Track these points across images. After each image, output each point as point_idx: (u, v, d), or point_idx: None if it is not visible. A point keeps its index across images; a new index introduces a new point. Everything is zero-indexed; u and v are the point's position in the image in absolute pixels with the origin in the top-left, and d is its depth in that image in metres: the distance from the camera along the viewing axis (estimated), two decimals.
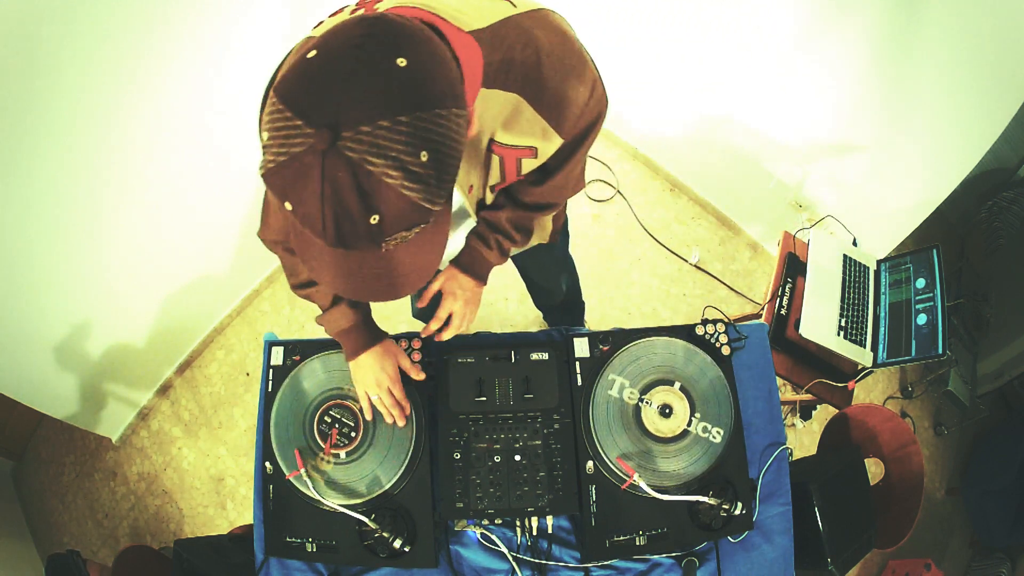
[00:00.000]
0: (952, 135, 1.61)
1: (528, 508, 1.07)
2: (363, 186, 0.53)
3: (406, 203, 0.55)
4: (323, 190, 0.53)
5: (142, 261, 1.84)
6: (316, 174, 0.53)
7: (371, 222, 0.55)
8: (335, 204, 0.54)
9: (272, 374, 1.15)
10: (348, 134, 0.52)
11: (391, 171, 0.53)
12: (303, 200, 0.54)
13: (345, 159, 0.52)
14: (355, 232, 0.55)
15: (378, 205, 0.54)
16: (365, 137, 0.52)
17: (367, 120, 0.52)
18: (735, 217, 2.44)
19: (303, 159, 0.53)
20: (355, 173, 0.53)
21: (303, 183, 0.54)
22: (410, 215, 0.56)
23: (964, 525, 2.29)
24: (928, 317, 1.54)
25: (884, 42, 1.55)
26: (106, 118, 1.44)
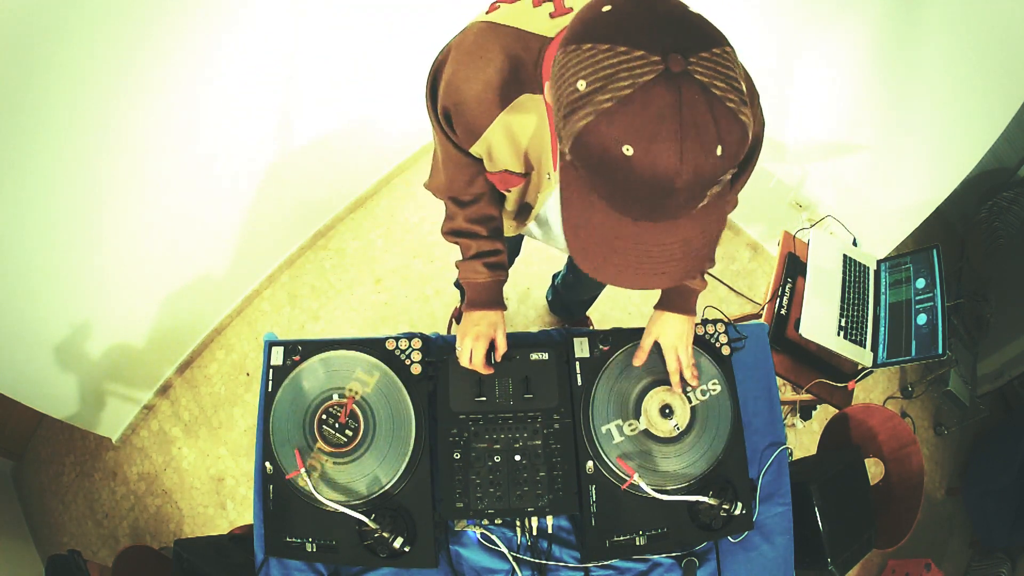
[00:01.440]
0: (952, 135, 1.61)
1: (528, 508, 1.07)
2: (715, 111, 0.52)
3: (741, 131, 0.55)
4: (682, 118, 0.52)
5: (142, 261, 1.84)
6: (672, 100, 0.51)
7: (717, 153, 0.54)
8: (692, 134, 0.52)
9: (272, 374, 1.15)
10: (695, 59, 0.52)
11: (731, 95, 0.53)
12: (656, 134, 0.52)
13: (698, 84, 0.52)
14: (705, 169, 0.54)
15: (724, 133, 0.53)
16: (708, 62, 0.53)
17: (703, 46, 0.53)
18: (735, 217, 2.44)
19: (655, 88, 0.51)
20: (709, 97, 0.52)
21: (656, 115, 0.52)
22: (741, 143, 0.55)
23: (964, 525, 2.29)
24: (928, 317, 1.54)
25: (884, 42, 1.55)
26: (105, 117, 1.44)
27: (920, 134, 1.67)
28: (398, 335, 1.18)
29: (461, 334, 1.11)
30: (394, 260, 2.33)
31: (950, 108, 1.56)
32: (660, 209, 0.57)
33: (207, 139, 1.72)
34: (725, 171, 0.56)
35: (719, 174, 0.55)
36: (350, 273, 2.33)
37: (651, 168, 0.53)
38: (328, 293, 2.30)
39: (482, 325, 1.10)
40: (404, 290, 2.28)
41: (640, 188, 0.55)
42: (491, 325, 1.10)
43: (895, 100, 1.65)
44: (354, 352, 1.14)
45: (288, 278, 2.33)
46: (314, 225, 2.35)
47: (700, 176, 0.54)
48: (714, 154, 0.53)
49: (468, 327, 1.11)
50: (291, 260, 2.33)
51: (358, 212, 2.42)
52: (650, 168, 0.53)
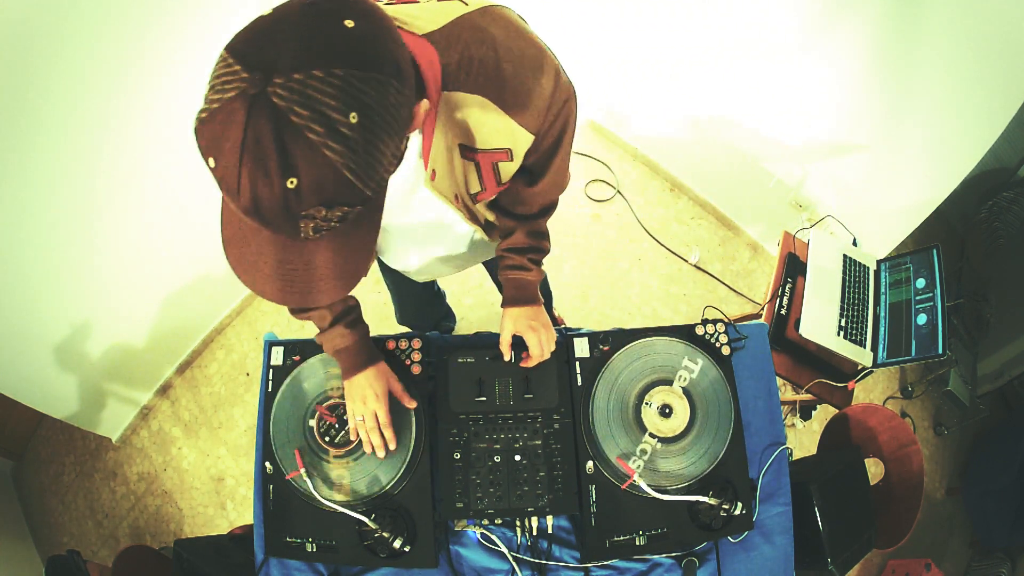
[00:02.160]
0: (952, 135, 1.61)
1: (528, 508, 1.07)
2: (284, 140, 0.50)
3: (328, 169, 0.52)
4: (245, 139, 0.50)
5: (142, 261, 1.84)
6: (240, 119, 0.50)
7: (288, 186, 0.51)
8: (253, 158, 0.51)
9: (272, 374, 1.15)
10: (280, 80, 0.50)
11: (315, 125, 0.50)
12: (224, 152, 0.51)
13: (271, 107, 0.50)
14: (271, 197, 0.52)
15: (297, 165, 0.51)
16: (295, 85, 0.50)
17: (301, 67, 0.50)
18: (735, 217, 2.44)
19: (232, 105, 0.50)
20: (278, 123, 0.50)
21: (227, 132, 0.51)
22: (330, 186, 0.53)
23: (964, 525, 2.29)
24: (928, 317, 1.54)
25: (885, 42, 1.55)
26: (105, 117, 1.44)
27: (920, 134, 1.67)
28: (398, 335, 1.18)
29: (356, 404, 1.05)
30: None
31: (950, 108, 1.56)
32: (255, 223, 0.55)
33: None
34: (307, 206, 0.53)
35: (297, 207, 0.53)
36: None
37: (223, 181, 0.53)
38: None
39: (374, 384, 1.05)
40: None
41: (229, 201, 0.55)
42: (380, 377, 1.06)
43: (895, 100, 1.65)
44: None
45: None
46: None
47: (264, 203, 0.52)
48: (281, 184, 0.51)
49: (359, 392, 1.05)
50: None
51: None
52: (222, 181, 0.53)
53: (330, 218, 0.56)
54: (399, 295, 1.57)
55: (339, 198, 0.54)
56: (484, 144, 0.81)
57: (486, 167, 0.85)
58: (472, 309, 2.30)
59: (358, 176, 0.54)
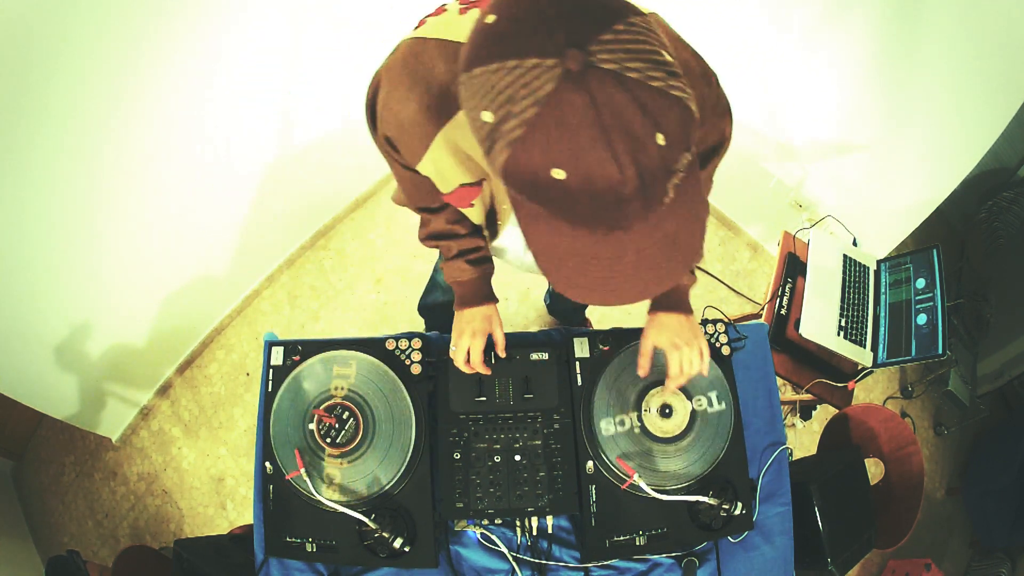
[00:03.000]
0: (952, 135, 1.61)
1: (528, 508, 1.07)
2: (638, 97, 0.45)
3: (679, 108, 0.47)
4: (601, 120, 0.44)
5: (142, 261, 1.84)
6: (584, 103, 0.44)
7: (659, 143, 0.46)
8: (622, 131, 0.45)
9: (272, 374, 1.15)
10: (595, 47, 0.45)
11: (652, 72, 0.46)
12: (579, 147, 0.45)
13: (607, 73, 0.45)
14: (652, 165, 0.46)
15: (658, 117, 0.46)
16: (612, 44, 0.45)
17: (602, 27, 0.46)
18: (735, 217, 2.44)
19: (559, 96, 0.45)
20: (625, 84, 0.45)
21: (572, 127, 0.45)
22: (686, 124, 0.48)
23: (964, 525, 2.29)
24: (928, 317, 1.54)
25: (885, 42, 1.55)
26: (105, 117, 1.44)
27: (920, 134, 1.67)
28: (398, 335, 1.18)
29: (456, 333, 1.09)
30: (394, 260, 2.33)
31: (950, 108, 1.56)
32: (622, 218, 0.49)
33: (207, 139, 1.72)
34: (678, 157, 0.48)
35: (672, 163, 0.48)
36: (350, 273, 2.33)
37: (589, 185, 0.46)
38: (328, 293, 2.30)
39: (476, 321, 1.08)
40: (404, 290, 2.27)
41: (589, 206, 0.48)
42: (485, 319, 1.08)
43: (895, 100, 1.65)
44: (354, 352, 1.14)
45: (288, 278, 2.33)
46: (314, 225, 2.35)
47: (648, 175, 0.47)
48: (655, 145, 0.46)
49: (462, 325, 1.08)
50: (291, 260, 2.33)
51: (358, 212, 2.42)
52: (588, 185, 0.46)
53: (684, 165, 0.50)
54: None
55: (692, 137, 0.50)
56: None
57: None
58: None
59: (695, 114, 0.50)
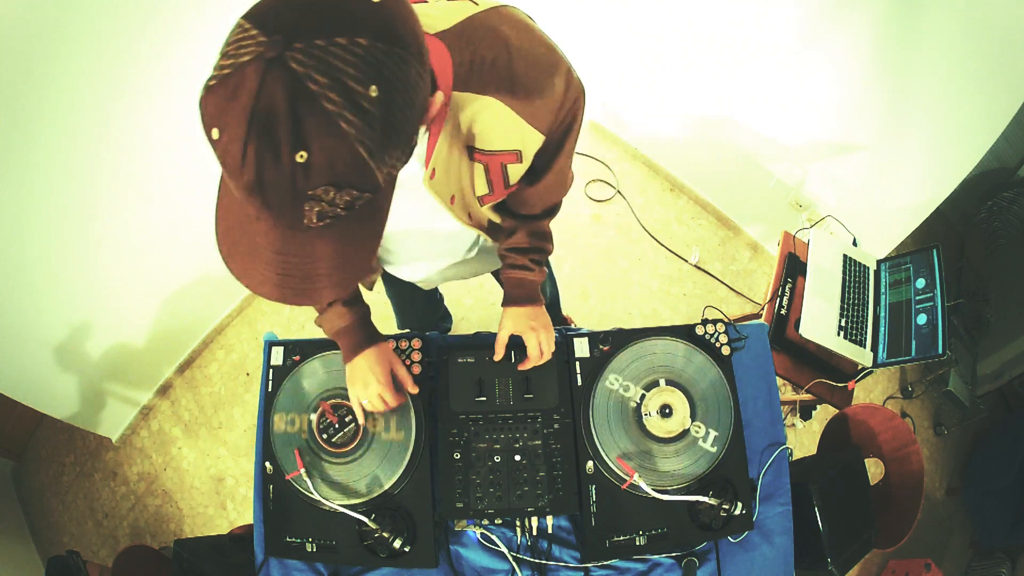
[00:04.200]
0: (952, 135, 1.61)
1: (528, 508, 1.07)
2: (298, 108, 0.47)
3: (341, 144, 0.48)
4: (256, 105, 0.46)
5: (142, 261, 1.84)
6: (252, 85, 0.46)
7: (297, 160, 0.47)
8: (263, 128, 0.47)
9: (272, 374, 1.15)
10: (300, 45, 0.47)
11: (333, 94, 0.47)
12: (230, 120, 0.47)
13: (289, 72, 0.46)
14: (278, 172, 0.48)
15: (309, 136, 0.47)
16: (316, 51, 0.47)
17: (324, 34, 0.47)
18: (735, 217, 2.44)
19: (245, 70, 0.47)
20: (294, 89, 0.46)
21: (236, 98, 0.47)
22: (342, 164, 0.49)
23: (964, 525, 2.29)
24: (928, 317, 1.54)
25: (885, 42, 1.55)
26: (105, 117, 1.44)
27: (920, 134, 1.67)
28: (398, 335, 1.18)
29: (358, 386, 1.04)
30: None
31: (950, 108, 1.56)
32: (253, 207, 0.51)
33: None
34: (315, 183, 0.49)
35: (303, 187, 0.49)
36: None
37: (224, 157, 0.49)
38: None
39: (365, 371, 1.03)
40: None
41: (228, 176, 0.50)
42: (379, 360, 1.04)
43: (895, 100, 1.65)
44: None
45: None
46: None
47: (268, 181, 0.48)
48: (291, 160, 0.47)
49: (359, 375, 1.04)
50: None
51: None
52: (223, 157, 0.49)
53: (337, 203, 0.52)
54: (400, 302, 1.56)
55: (350, 179, 0.51)
56: (493, 145, 0.80)
57: (494, 169, 0.84)
58: (472, 309, 2.30)
59: (372, 155, 0.50)
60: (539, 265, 1.07)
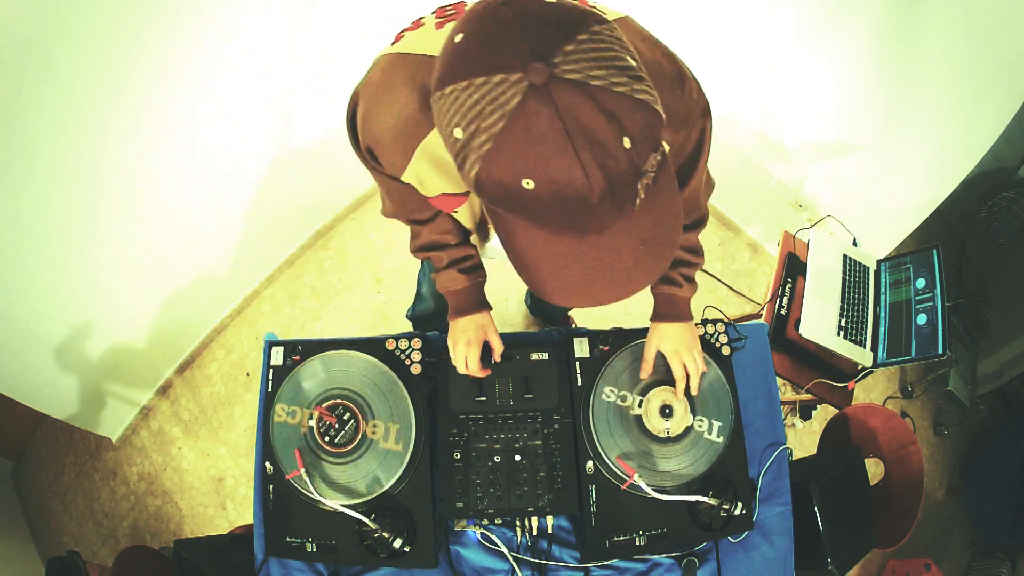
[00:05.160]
0: (952, 135, 1.61)
1: (528, 508, 1.07)
2: (603, 104, 0.47)
3: (645, 111, 0.49)
4: (566, 127, 0.46)
5: (142, 261, 1.84)
6: (549, 114, 0.46)
7: (626, 147, 0.48)
8: (587, 139, 0.46)
9: (272, 374, 1.15)
10: (558, 59, 0.47)
11: (615, 78, 0.48)
12: (546, 157, 0.47)
13: (571, 83, 0.46)
14: (619, 169, 0.48)
15: (623, 121, 0.48)
16: (575, 55, 0.47)
17: (565, 39, 0.48)
18: (735, 217, 2.44)
19: (525, 109, 0.46)
20: (589, 93, 0.47)
21: (538, 138, 0.46)
22: (653, 125, 0.50)
23: (964, 525, 2.29)
24: (928, 317, 1.54)
25: (885, 42, 1.55)
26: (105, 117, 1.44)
27: (920, 134, 1.67)
28: (398, 335, 1.18)
29: (452, 343, 1.11)
30: (394, 260, 2.33)
31: (950, 108, 1.56)
32: (594, 222, 0.51)
33: (207, 139, 1.72)
34: (646, 158, 0.50)
35: (640, 166, 0.50)
36: (350, 273, 2.32)
37: (558, 192, 0.48)
38: (328, 293, 2.30)
39: (471, 330, 1.09)
40: (404, 290, 2.27)
41: (559, 213, 0.50)
42: (479, 328, 1.10)
43: (895, 100, 1.65)
44: (354, 352, 1.14)
45: (288, 278, 2.33)
46: (314, 225, 2.35)
47: (616, 179, 0.49)
48: (622, 149, 0.48)
49: (457, 335, 1.10)
50: (291, 260, 2.33)
51: (358, 212, 2.42)
52: (556, 193, 0.48)
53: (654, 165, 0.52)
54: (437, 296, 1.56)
55: (660, 136, 0.51)
56: None
57: None
58: None
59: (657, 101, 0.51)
60: (688, 281, 1.07)
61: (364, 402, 1.11)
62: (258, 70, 1.69)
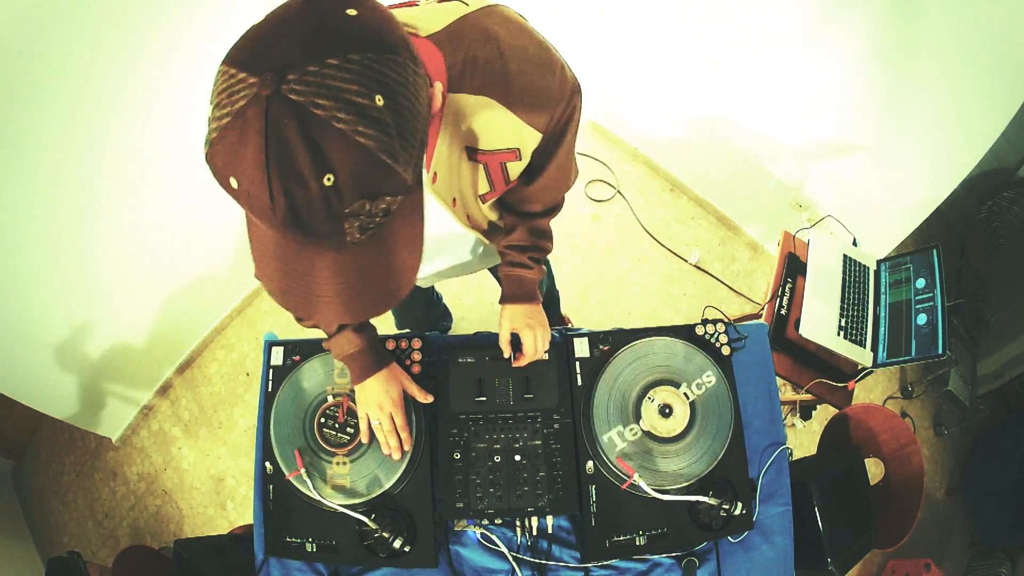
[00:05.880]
0: (952, 135, 1.61)
1: (528, 508, 1.07)
2: (312, 135, 0.46)
3: (363, 155, 0.48)
4: (267, 146, 0.46)
5: (142, 261, 1.84)
6: (258, 125, 0.46)
7: (325, 183, 0.47)
8: (281, 163, 0.46)
9: (272, 374, 1.15)
10: (294, 76, 0.46)
11: (341, 113, 0.47)
12: (245, 165, 0.47)
13: (291, 104, 0.46)
14: (310, 200, 0.48)
15: (331, 159, 0.47)
16: (312, 78, 0.47)
17: (314, 59, 0.47)
18: (735, 217, 2.44)
19: (246, 114, 0.47)
20: (302, 119, 0.46)
21: (245, 142, 0.47)
22: (370, 173, 0.49)
23: (964, 525, 2.29)
24: (928, 317, 1.54)
25: (885, 42, 1.55)
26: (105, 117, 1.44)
27: (920, 134, 1.67)
28: (398, 335, 1.18)
29: (362, 411, 1.05)
30: None
31: (950, 108, 1.56)
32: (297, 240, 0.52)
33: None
34: (350, 201, 0.49)
35: (337, 206, 0.49)
36: None
37: (250, 202, 0.49)
38: None
39: (379, 392, 1.04)
40: None
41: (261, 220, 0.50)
42: (389, 381, 1.05)
43: (895, 100, 1.65)
44: None
45: None
46: None
47: (302, 210, 0.48)
48: (318, 183, 0.47)
49: (366, 400, 1.05)
50: None
51: None
52: (250, 202, 0.49)
53: (375, 212, 0.52)
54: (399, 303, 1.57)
55: (380, 187, 0.51)
56: (491, 145, 0.80)
57: (494, 167, 0.84)
58: (472, 309, 2.30)
59: (395, 159, 0.50)
60: (538, 263, 1.08)
61: None
62: None
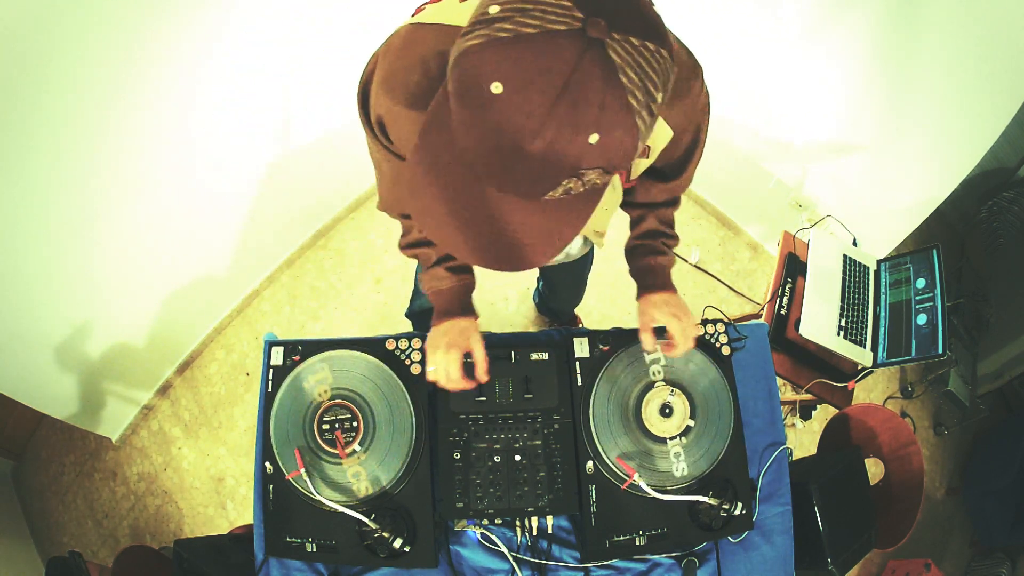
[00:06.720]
0: (952, 135, 1.61)
1: (528, 508, 1.07)
2: (606, 98, 0.46)
3: (630, 139, 0.49)
4: (568, 84, 0.45)
5: (142, 261, 1.84)
6: (570, 56, 0.45)
7: (589, 141, 0.48)
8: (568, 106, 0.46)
9: (272, 374, 1.15)
10: (619, 36, 0.47)
11: (639, 93, 0.48)
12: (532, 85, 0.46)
13: (608, 61, 0.46)
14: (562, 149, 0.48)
15: (608, 125, 0.47)
16: (632, 48, 0.47)
17: (637, 33, 0.48)
18: (735, 217, 2.44)
19: (559, 40, 0.45)
20: (608, 79, 0.46)
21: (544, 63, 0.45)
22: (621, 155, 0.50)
23: (964, 525, 2.29)
24: (928, 317, 1.54)
25: (885, 42, 1.55)
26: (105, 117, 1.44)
27: (920, 134, 1.67)
28: (398, 335, 1.18)
29: (431, 349, 1.01)
30: (394, 260, 2.33)
31: (950, 108, 1.56)
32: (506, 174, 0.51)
33: (207, 139, 1.72)
34: (592, 165, 0.50)
35: (582, 164, 0.49)
36: (350, 273, 2.33)
37: (509, 117, 0.47)
38: (328, 293, 2.30)
39: (452, 334, 1.00)
40: (404, 290, 2.27)
41: (491, 136, 0.49)
42: (462, 333, 1.01)
43: (895, 100, 1.65)
44: (354, 352, 1.14)
45: (288, 278, 2.33)
46: (314, 225, 2.35)
47: (556, 152, 0.48)
48: (583, 138, 0.48)
49: (437, 339, 1.01)
50: (291, 260, 2.33)
51: (358, 212, 2.42)
52: (508, 116, 0.47)
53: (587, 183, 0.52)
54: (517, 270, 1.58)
55: (616, 166, 0.51)
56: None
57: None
58: None
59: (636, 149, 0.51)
60: (668, 248, 1.07)
61: (364, 402, 1.11)
62: (258, 69, 1.69)
